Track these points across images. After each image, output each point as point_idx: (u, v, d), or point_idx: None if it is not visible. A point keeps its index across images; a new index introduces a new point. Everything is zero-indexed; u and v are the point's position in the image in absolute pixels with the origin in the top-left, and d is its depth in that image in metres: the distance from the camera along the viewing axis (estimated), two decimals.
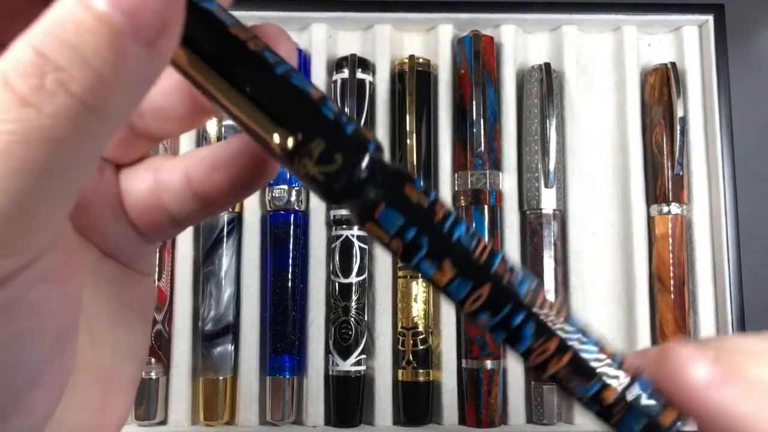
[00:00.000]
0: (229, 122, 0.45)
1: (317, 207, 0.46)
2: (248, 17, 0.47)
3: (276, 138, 0.16)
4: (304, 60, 0.47)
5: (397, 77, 0.47)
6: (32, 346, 0.16)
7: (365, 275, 0.45)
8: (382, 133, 0.47)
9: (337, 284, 0.45)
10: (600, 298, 0.47)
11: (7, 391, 0.16)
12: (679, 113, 0.46)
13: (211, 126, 0.45)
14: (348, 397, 0.44)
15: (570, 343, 0.18)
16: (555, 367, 0.18)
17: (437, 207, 0.18)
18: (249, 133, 0.17)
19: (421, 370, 0.44)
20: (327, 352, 0.45)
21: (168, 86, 0.18)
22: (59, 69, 0.14)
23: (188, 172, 0.19)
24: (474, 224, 0.45)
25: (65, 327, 0.17)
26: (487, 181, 0.46)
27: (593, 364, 0.18)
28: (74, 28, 0.14)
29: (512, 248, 0.46)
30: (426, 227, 0.18)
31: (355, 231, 0.45)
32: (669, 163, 0.46)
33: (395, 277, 0.46)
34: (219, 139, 0.46)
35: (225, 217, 0.44)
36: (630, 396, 0.18)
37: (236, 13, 0.18)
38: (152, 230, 0.20)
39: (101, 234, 0.19)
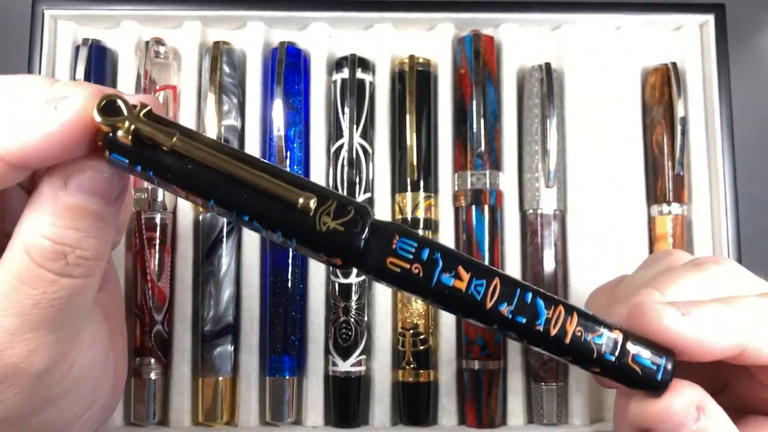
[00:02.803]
0: (227, 123, 0.45)
1: None
2: (248, 17, 0.47)
3: (301, 200, 0.21)
4: (305, 60, 0.47)
5: (397, 77, 0.47)
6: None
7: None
8: (382, 133, 0.47)
9: (336, 284, 0.45)
10: None
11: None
12: (680, 113, 0.46)
13: (211, 127, 0.45)
14: (348, 397, 0.44)
15: (571, 304, 0.23)
16: (572, 326, 0.22)
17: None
18: (268, 201, 0.21)
19: (421, 371, 0.44)
20: (327, 352, 0.45)
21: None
22: (76, 247, 0.22)
23: None
24: (474, 224, 0.45)
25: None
26: (487, 181, 0.45)
27: (595, 317, 0.23)
28: (69, 216, 0.21)
29: (512, 248, 0.46)
30: (434, 245, 0.22)
31: None
32: (669, 163, 0.46)
33: None
34: (219, 140, 0.46)
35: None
36: (630, 335, 0.23)
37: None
38: None
39: None
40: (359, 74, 0.46)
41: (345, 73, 0.46)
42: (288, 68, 0.46)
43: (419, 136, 0.46)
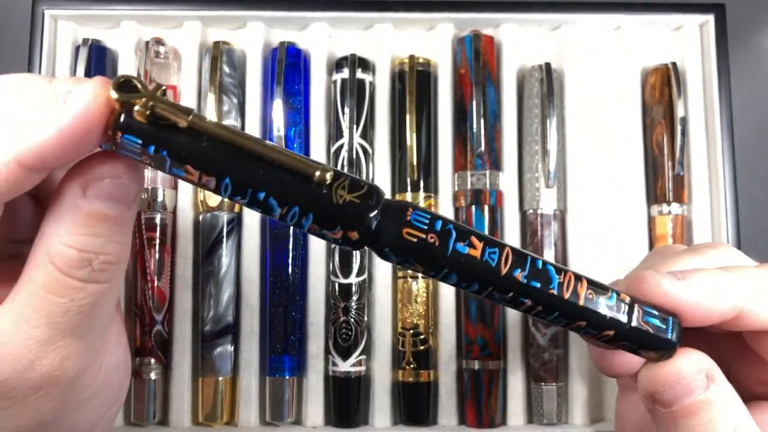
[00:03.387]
0: (227, 123, 0.45)
1: None
2: (248, 17, 0.47)
3: (317, 173, 0.21)
4: (305, 60, 0.47)
5: (397, 77, 0.47)
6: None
7: (365, 275, 0.45)
8: (382, 133, 0.47)
9: (337, 284, 0.45)
10: None
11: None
12: (680, 113, 0.46)
13: None
14: (348, 397, 0.44)
15: (576, 272, 0.23)
16: (583, 289, 0.23)
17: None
18: (285, 175, 0.22)
19: (421, 371, 0.44)
20: (327, 352, 0.45)
21: None
22: (99, 253, 0.22)
23: None
24: (474, 224, 0.45)
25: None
26: (487, 181, 0.45)
27: (601, 283, 0.23)
28: (90, 223, 0.22)
29: None
30: (445, 218, 0.22)
31: None
32: (669, 163, 0.46)
33: (395, 278, 0.45)
34: None
35: (225, 217, 0.44)
36: (636, 300, 0.24)
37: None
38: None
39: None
40: (359, 74, 0.46)
41: (345, 73, 0.46)
42: (288, 68, 0.46)
43: (419, 136, 0.46)
